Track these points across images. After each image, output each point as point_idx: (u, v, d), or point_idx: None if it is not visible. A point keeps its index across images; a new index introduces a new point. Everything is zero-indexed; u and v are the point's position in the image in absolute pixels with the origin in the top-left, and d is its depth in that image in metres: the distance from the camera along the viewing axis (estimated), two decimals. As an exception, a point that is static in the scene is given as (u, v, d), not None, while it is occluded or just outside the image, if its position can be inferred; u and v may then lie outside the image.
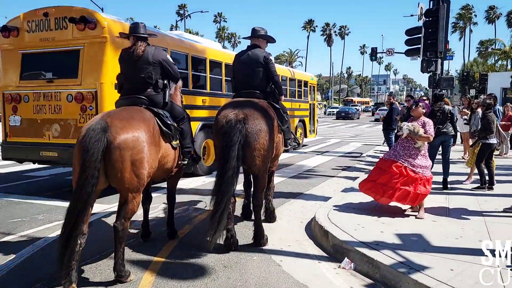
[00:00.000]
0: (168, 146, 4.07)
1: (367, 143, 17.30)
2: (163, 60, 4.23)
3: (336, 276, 3.80)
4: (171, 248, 4.48)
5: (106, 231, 4.88)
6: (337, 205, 5.71)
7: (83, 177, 3.20)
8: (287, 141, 5.24)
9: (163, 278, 3.72)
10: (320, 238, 4.71)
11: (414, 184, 5.13)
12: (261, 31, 5.05)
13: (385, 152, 6.39)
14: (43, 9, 6.74)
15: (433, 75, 12.17)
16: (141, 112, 3.86)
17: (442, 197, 6.19)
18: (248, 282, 3.64)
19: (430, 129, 5.25)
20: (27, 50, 6.94)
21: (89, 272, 3.82)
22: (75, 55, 6.44)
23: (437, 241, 4.23)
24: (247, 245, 4.55)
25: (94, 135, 3.26)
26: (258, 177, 4.53)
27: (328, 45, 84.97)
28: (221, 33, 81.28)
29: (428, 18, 11.55)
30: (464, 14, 68.67)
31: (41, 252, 4.35)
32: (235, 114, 4.27)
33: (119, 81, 4.38)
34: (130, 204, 3.53)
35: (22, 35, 6.91)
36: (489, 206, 5.56)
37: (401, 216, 5.24)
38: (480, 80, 30.63)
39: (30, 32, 6.85)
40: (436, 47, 11.34)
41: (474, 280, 3.24)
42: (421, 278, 3.32)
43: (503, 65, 46.99)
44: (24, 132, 6.99)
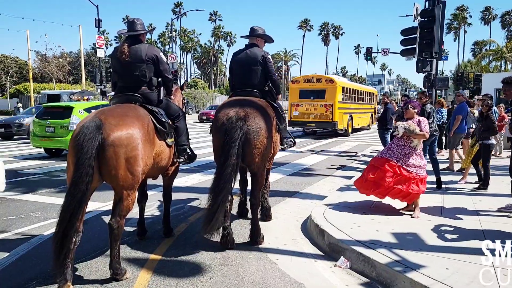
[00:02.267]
0: (162, 144, 4.05)
1: (362, 142, 17.35)
2: (156, 57, 4.17)
3: (332, 274, 3.81)
4: (167, 246, 4.47)
5: (101, 229, 4.86)
6: (332, 204, 5.72)
7: (77, 175, 3.19)
8: (284, 140, 5.25)
9: (160, 276, 3.71)
10: (316, 237, 4.72)
11: (407, 184, 5.16)
12: (260, 30, 5.05)
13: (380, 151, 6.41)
14: (311, 76, 19.82)
15: (428, 75, 12.25)
16: (135, 109, 3.85)
17: (437, 197, 6.22)
18: (244, 280, 3.64)
19: (426, 127, 5.29)
20: (302, 89, 19.09)
21: (84, 270, 3.80)
22: (324, 91, 18.48)
23: (432, 240, 4.25)
24: (243, 243, 4.55)
25: (88, 133, 3.25)
26: (256, 175, 4.53)
27: (325, 44, 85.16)
28: (217, 31, 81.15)
29: (424, 19, 11.62)
30: (459, 15, 69.09)
31: (36, 250, 4.32)
32: (236, 111, 4.27)
33: (113, 79, 4.35)
34: (125, 201, 3.51)
35: (300, 83, 19.51)
36: (484, 206, 5.60)
37: (397, 215, 5.27)
38: (475, 81, 30.86)
39: (304, 82, 19.42)
40: (432, 47, 11.40)
41: (469, 279, 3.26)
42: (417, 277, 3.34)
43: (497, 66, 47.34)
44: (299, 117, 19.00)
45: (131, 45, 4.12)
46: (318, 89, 18.58)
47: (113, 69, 4.33)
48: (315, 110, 18.51)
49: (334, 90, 18.19)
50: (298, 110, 18.95)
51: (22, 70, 44.96)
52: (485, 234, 4.41)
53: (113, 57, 4.23)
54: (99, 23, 28.16)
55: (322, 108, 18.28)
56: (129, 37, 4.20)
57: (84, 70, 41.11)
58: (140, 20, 4.28)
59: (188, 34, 79.45)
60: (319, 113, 18.40)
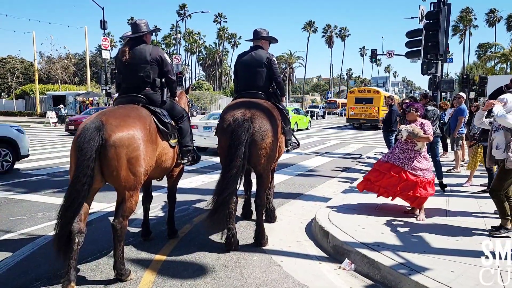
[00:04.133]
0: (165, 145, 4.05)
1: (366, 144, 17.30)
2: (160, 58, 4.17)
3: (336, 276, 3.80)
4: (172, 247, 4.47)
5: (105, 229, 4.87)
6: (337, 206, 5.71)
7: (75, 175, 3.23)
8: (288, 142, 5.24)
9: (164, 277, 3.71)
10: (321, 239, 4.70)
11: (414, 189, 5.13)
12: (263, 33, 5.05)
13: (384, 154, 6.39)
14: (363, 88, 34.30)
15: (433, 77, 12.18)
16: (137, 110, 3.85)
17: (442, 199, 6.19)
18: (248, 282, 3.64)
19: (429, 129, 5.26)
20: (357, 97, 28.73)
21: (89, 270, 3.81)
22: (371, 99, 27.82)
23: (437, 243, 4.22)
24: (248, 245, 4.55)
25: (88, 134, 3.27)
26: (262, 176, 4.53)
27: (329, 46, 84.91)
28: (221, 33, 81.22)
29: (429, 21, 11.57)
30: (464, 17, 68.72)
31: (41, 250, 4.34)
32: (242, 113, 4.27)
33: (117, 80, 4.37)
34: (127, 202, 3.52)
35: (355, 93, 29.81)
36: (489, 208, 5.56)
37: (402, 217, 5.24)
38: (480, 83, 30.67)
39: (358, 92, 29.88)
40: (437, 50, 11.35)
41: (474, 282, 3.23)
42: (422, 279, 3.32)
43: (502, 68, 47.05)
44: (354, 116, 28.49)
45: (135, 46, 4.14)
46: (368, 97, 27.95)
47: (117, 70, 4.34)
48: (366, 111, 27.62)
49: (379, 98, 27.44)
50: (354, 111, 28.46)
51: (28, 71, 45.31)
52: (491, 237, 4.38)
53: (117, 58, 4.25)
54: (104, 24, 28.31)
55: (371, 109, 27.48)
56: (133, 39, 4.22)
57: (89, 72, 41.39)
58: (144, 21, 4.26)
59: (193, 35, 79.59)
60: (368, 113, 27.59)
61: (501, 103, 4.47)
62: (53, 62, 41.43)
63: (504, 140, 4.40)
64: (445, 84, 12.41)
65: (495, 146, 4.58)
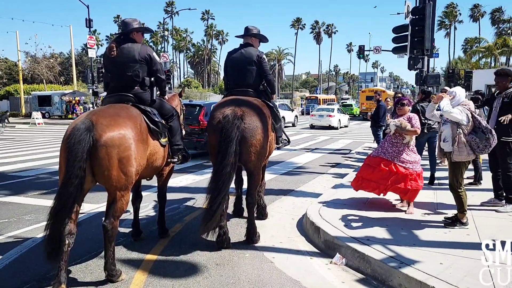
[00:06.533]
0: (156, 144, 4.02)
1: (355, 140, 17.44)
2: (149, 56, 4.13)
3: (328, 271, 3.83)
4: (163, 246, 4.45)
5: (96, 230, 4.83)
6: (327, 201, 5.75)
7: (66, 177, 3.19)
8: (279, 139, 5.25)
9: (155, 276, 3.69)
10: (312, 235, 4.73)
11: (404, 181, 5.20)
12: (254, 30, 5.04)
13: (374, 149, 6.45)
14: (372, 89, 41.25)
15: (420, 72, 12.32)
16: (128, 109, 3.82)
17: (430, 193, 6.27)
18: (240, 279, 3.64)
19: (417, 123, 5.33)
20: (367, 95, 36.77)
21: (79, 272, 3.78)
22: None
23: (426, 236, 4.29)
24: (239, 242, 4.55)
25: (78, 135, 3.23)
26: (253, 174, 4.53)
27: (317, 43, 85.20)
28: (209, 30, 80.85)
29: (415, 16, 11.67)
30: (449, 12, 69.59)
31: (29, 253, 4.28)
32: (232, 110, 4.26)
33: (105, 79, 4.32)
34: (118, 202, 3.50)
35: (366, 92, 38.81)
36: (475, 201, 5.65)
37: (391, 211, 5.30)
38: (465, 77, 31.21)
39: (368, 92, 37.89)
40: (423, 45, 11.46)
41: (463, 273, 3.29)
42: (412, 272, 3.36)
43: (487, 63, 47.83)
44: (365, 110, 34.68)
45: (123, 44, 4.09)
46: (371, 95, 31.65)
47: (105, 69, 4.29)
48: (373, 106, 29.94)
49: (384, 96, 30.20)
50: (365, 106, 35.93)
51: (12, 71, 44.46)
52: (477, 228, 4.46)
53: (105, 56, 4.19)
54: (90, 23, 27.90)
55: None
56: (121, 37, 4.17)
57: (75, 71, 40.80)
58: (136, 20, 4.20)
59: (180, 33, 79.00)
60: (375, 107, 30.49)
61: (450, 96, 4.59)
62: (37, 61, 40.72)
63: (451, 133, 4.49)
64: (431, 79, 12.55)
65: (443, 139, 4.70)
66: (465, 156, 4.44)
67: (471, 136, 4.43)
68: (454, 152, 4.45)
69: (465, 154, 4.43)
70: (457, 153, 4.44)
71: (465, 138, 4.42)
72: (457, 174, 4.54)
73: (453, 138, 4.46)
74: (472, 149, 4.44)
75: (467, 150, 4.42)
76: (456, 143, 4.42)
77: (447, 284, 3.11)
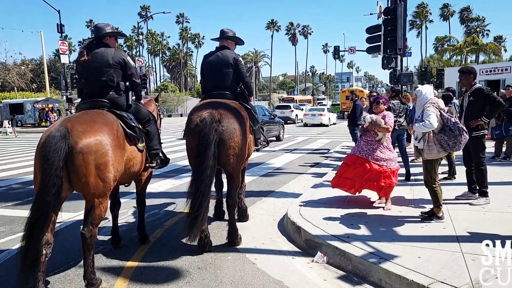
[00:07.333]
0: (133, 149, 3.97)
1: (334, 139, 17.66)
2: (123, 61, 4.07)
3: (309, 270, 3.87)
4: (143, 253, 4.39)
5: (73, 239, 4.72)
6: (308, 201, 5.80)
7: (42, 185, 3.12)
8: (258, 141, 5.27)
9: (137, 283, 3.64)
10: (293, 234, 4.77)
11: (378, 178, 5.31)
12: (230, 33, 5.04)
13: (351, 148, 6.58)
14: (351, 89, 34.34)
15: (394, 71, 12.64)
16: (103, 115, 3.76)
17: (407, 189, 6.42)
18: (223, 282, 3.64)
19: (390, 121, 5.47)
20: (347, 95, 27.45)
21: (57, 282, 3.68)
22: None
23: (404, 231, 4.39)
24: (221, 245, 4.54)
25: (54, 143, 3.16)
26: (232, 176, 4.53)
27: (293, 44, 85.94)
28: (184, 33, 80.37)
29: (387, 16, 11.98)
30: (420, 12, 71.52)
31: (4, 265, 4.14)
32: (210, 113, 4.26)
33: (79, 85, 4.23)
34: (97, 209, 3.44)
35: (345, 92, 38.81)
36: (450, 195, 5.82)
37: (370, 208, 5.40)
38: (437, 75, 32.11)
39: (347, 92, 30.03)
40: (396, 44, 11.77)
41: (440, 266, 3.39)
42: (391, 267, 3.44)
43: (457, 61, 49.35)
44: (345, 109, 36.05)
45: (95, 49, 4.02)
46: None
47: (78, 75, 4.20)
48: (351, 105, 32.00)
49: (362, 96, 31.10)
50: (345, 105, 37.06)
51: (-19, 80, 42.94)
52: (453, 221, 4.60)
53: (78, 62, 4.11)
54: (61, 28, 27.32)
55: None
56: (94, 42, 4.10)
57: (47, 77, 39.75)
58: (108, 25, 4.16)
59: (156, 37, 78.23)
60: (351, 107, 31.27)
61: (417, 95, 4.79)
62: (8, 69, 39.50)
63: (422, 132, 4.64)
64: (405, 77, 12.89)
65: (415, 138, 4.88)
66: (435, 154, 4.58)
67: (440, 134, 4.56)
68: (425, 150, 4.59)
69: (435, 152, 4.57)
70: (428, 151, 4.57)
71: (435, 137, 4.56)
72: (430, 171, 4.67)
73: (423, 136, 4.60)
74: (442, 147, 4.58)
75: (437, 148, 4.56)
76: (426, 141, 4.56)
77: (425, 277, 3.19)
